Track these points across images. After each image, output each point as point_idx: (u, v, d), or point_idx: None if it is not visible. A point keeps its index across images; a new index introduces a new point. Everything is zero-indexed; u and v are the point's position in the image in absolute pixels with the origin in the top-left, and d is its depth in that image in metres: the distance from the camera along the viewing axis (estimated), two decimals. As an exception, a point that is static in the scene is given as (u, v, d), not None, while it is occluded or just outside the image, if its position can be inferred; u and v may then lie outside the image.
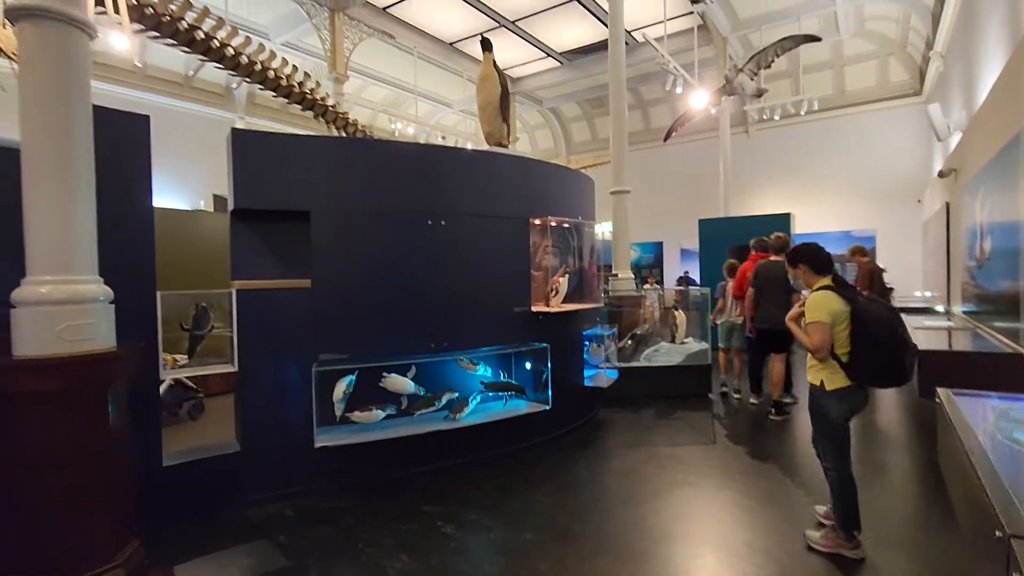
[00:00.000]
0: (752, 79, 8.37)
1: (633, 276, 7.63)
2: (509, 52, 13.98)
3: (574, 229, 4.71)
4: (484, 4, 11.58)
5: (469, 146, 16.36)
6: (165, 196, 10.85)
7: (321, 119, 6.83)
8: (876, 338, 2.45)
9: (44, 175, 2.17)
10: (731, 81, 8.39)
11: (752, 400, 5.58)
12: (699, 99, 9.65)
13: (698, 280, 11.43)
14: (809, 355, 2.65)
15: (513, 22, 12.44)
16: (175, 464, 3.12)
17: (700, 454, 4.12)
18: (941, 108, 7.23)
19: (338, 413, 3.51)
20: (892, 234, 12.96)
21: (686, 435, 4.63)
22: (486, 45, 4.55)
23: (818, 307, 2.57)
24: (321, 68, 11.89)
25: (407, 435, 3.56)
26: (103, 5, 4.07)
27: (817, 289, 2.67)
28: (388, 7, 11.67)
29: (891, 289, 11.19)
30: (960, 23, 7.77)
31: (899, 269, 12.34)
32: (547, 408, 4.17)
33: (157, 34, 4.87)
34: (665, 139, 10.66)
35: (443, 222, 3.87)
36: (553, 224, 4.48)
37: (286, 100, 6.33)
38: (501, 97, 4.47)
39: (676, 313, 6.45)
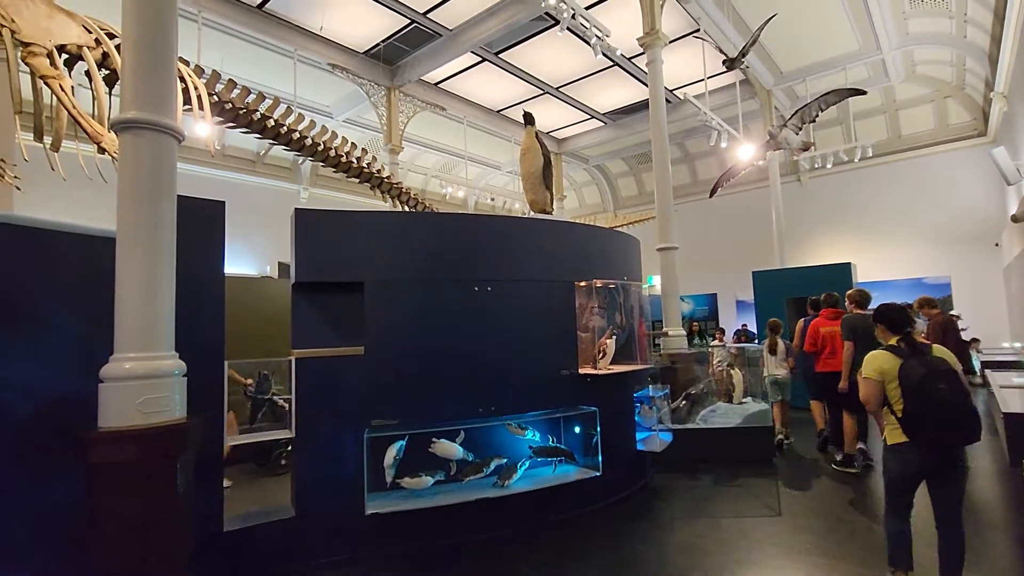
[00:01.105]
0: (797, 133, 8.31)
1: (685, 333, 7.45)
2: (553, 115, 14.55)
3: (620, 289, 4.72)
4: (528, 74, 12.21)
5: (517, 206, 16.87)
6: (234, 264, 11.70)
7: (377, 190, 7.27)
8: (913, 395, 2.56)
9: (134, 263, 2.43)
10: (775, 136, 8.36)
11: (837, 457, 5.32)
12: (745, 153, 9.63)
13: (756, 333, 11.01)
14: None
15: (556, 88, 13.00)
16: (235, 530, 3.23)
17: (766, 527, 3.85)
18: (1008, 150, 6.89)
19: (388, 479, 3.56)
20: (969, 280, 12.13)
21: (750, 505, 4.36)
22: (528, 119, 4.79)
23: (868, 365, 2.77)
24: (378, 140, 12.76)
25: (456, 502, 3.54)
26: (189, 103, 4.62)
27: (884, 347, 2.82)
28: (439, 82, 12.50)
29: (973, 341, 10.38)
30: (1021, 63, 7.52)
31: (982, 317, 11.47)
32: (598, 474, 4.06)
33: (235, 124, 5.42)
34: (711, 195, 10.62)
35: (489, 288, 3.99)
36: (598, 286, 4.51)
37: (345, 175, 6.81)
38: (544, 167, 4.65)
39: (733, 372, 6.22)
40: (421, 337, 3.78)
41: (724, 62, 8.56)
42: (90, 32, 3.95)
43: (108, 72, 4.09)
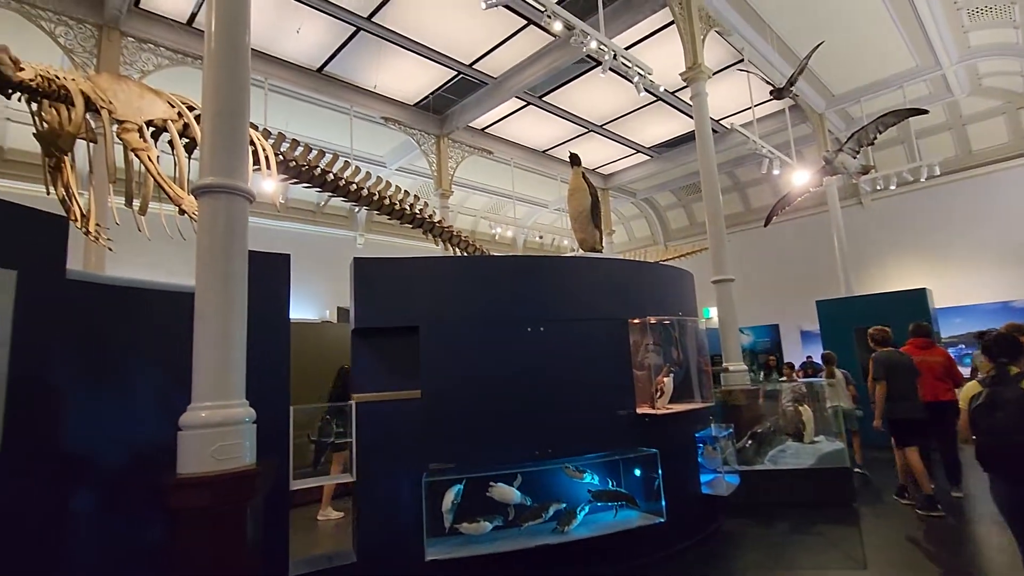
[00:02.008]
0: (855, 157, 8.01)
1: (748, 367, 7.13)
2: (599, 152, 14.69)
3: (676, 325, 4.61)
4: (572, 114, 12.45)
5: (565, 242, 16.94)
6: (295, 309, 12.24)
7: (429, 234, 7.51)
8: (973, 424, 2.69)
9: (210, 316, 2.60)
10: (831, 162, 8.08)
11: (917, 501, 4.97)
12: (799, 179, 9.35)
13: (823, 366, 10.39)
14: None
15: (601, 126, 13.17)
16: (299, 575, 3.28)
17: (850, 580, 3.55)
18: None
19: (447, 524, 3.54)
20: (1066, 302, 11.08)
21: (830, 556, 4.03)
22: (574, 160, 4.87)
23: (962, 394, 2.90)
24: (429, 186, 13.24)
25: (516, 549, 3.47)
26: (258, 164, 4.98)
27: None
28: (486, 127, 12.94)
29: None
30: (1101, 70, 7.02)
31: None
32: (661, 520, 3.88)
33: (298, 180, 5.79)
34: (766, 223, 10.31)
35: (542, 328, 3.99)
36: (652, 322, 4.43)
37: (399, 221, 7.09)
38: (592, 206, 4.69)
39: (802, 408, 5.88)
40: (476, 379, 3.81)
41: (772, 92, 8.45)
42: (173, 106, 4.38)
43: (187, 140, 4.49)
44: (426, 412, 3.67)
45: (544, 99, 11.71)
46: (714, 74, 8.46)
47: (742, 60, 9.74)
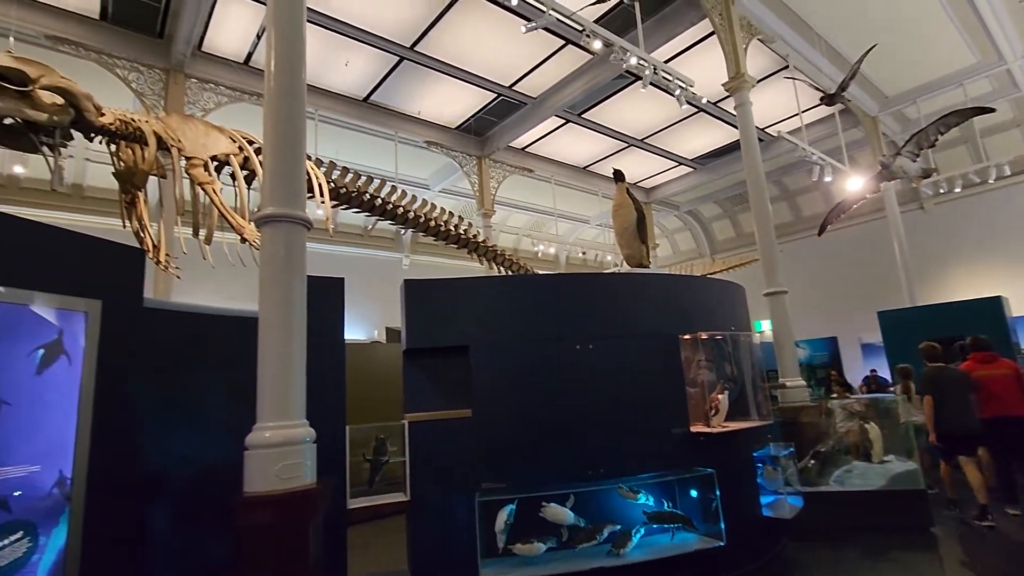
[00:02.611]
0: (915, 160, 7.63)
1: (806, 382, 6.83)
2: (640, 167, 14.59)
3: (728, 340, 4.49)
4: (612, 130, 12.45)
5: (609, 258, 16.80)
6: (346, 330, 12.60)
7: (473, 254, 7.61)
8: None
9: (272, 339, 2.72)
10: (888, 166, 7.73)
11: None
12: (854, 185, 8.99)
13: (889, 380, 9.82)
14: None
15: (642, 140, 13.10)
16: (357, 593, 3.33)
17: (931, 612, 3.30)
18: None
19: (500, 545, 3.52)
20: None
21: (907, 584, 3.78)
22: (618, 176, 4.86)
23: None
24: (471, 206, 13.46)
25: (570, 571, 3.41)
26: (311, 192, 5.21)
27: None
28: (526, 147, 13.09)
29: None
30: None
31: None
32: (721, 544, 3.74)
33: (348, 206, 6.01)
34: (820, 232, 9.94)
35: (591, 345, 3.96)
36: (704, 338, 4.33)
37: (444, 242, 7.22)
38: (637, 222, 4.66)
39: (868, 426, 5.56)
40: (525, 398, 3.81)
41: (823, 99, 8.21)
42: (234, 141, 4.65)
43: (247, 172, 4.75)
44: (477, 431, 3.68)
45: (583, 116, 11.77)
46: (758, 82, 8.30)
47: (787, 67, 9.53)
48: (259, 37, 8.51)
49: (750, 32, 8.16)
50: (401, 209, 6.47)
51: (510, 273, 7.92)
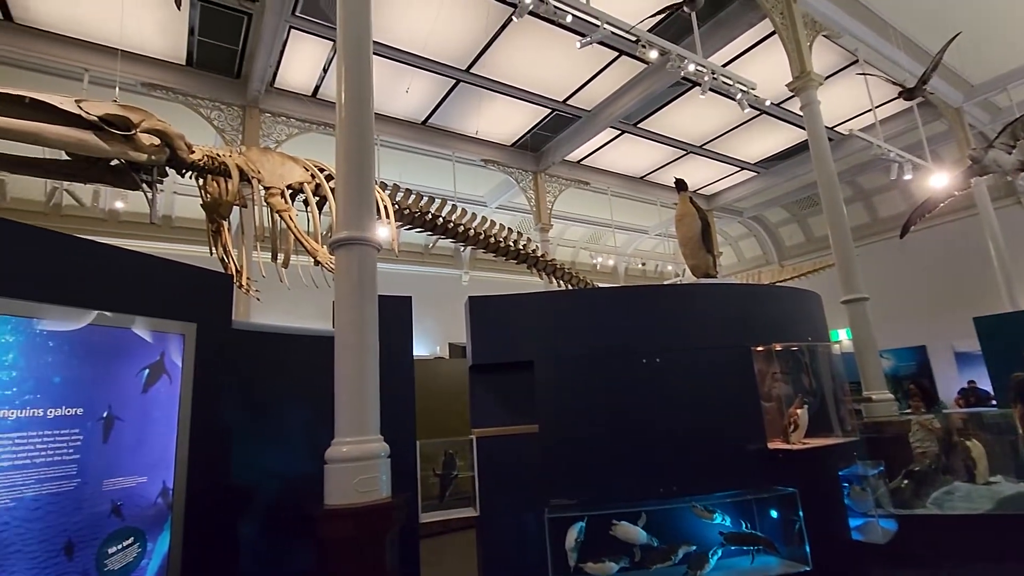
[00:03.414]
0: (1010, 152, 6.99)
1: (894, 395, 6.35)
2: (700, 173, 14.22)
3: (805, 351, 4.26)
4: (669, 138, 12.23)
5: (669, 268, 16.40)
6: (411, 346, 12.95)
7: (533, 269, 7.65)
8: None
9: (348, 357, 2.84)
10: (980, 160, 7.12)
11: None
12: (939, 182, 8.36)
13: (991, 392, 8.95)
14: None
15: (701, 146, 12.78)
16: (430, 607, 3.37)
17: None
18: None
19: (571, 563, 3.46)
20: None
21: (1026, 620, 3.40)
22: (680, 186, 4.77)
23: None
24: (528, 221, 13.56)
25: (643, 593, 3.31)
26: (378, 214, 5.43)
27: None
28: (581, 159, 13.08)
29: None
30: None
31: None
32: (807, 568, 3.51)
33: (411, 226, 6.22)
34: (902, 234, 9.28)
35: (657, 359, 3.87)
36: (778, 349, 4.13)
37: (504, 258, 7.31)
38: (702, 231, 4.54)
39: (971, 444, 5.08)
40: (592, 413, 3.76)
41: (902, 93, 7.73)
42: (307, 170, 4.93)
43: (319, 199, 5.02)
44: (544, 447, 3.67)
45: (639, 126, 11.64)
46: (826, 79, 7.93)
47: (856, 61, 9.05)
48: (325, 71, 9.02)
49: (814, 29, 7.83)
50: (462, 227, 6.63)
51: (570, 287, 7.90)
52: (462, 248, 15.20)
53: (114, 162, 3.67)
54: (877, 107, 9.87)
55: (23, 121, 3.07)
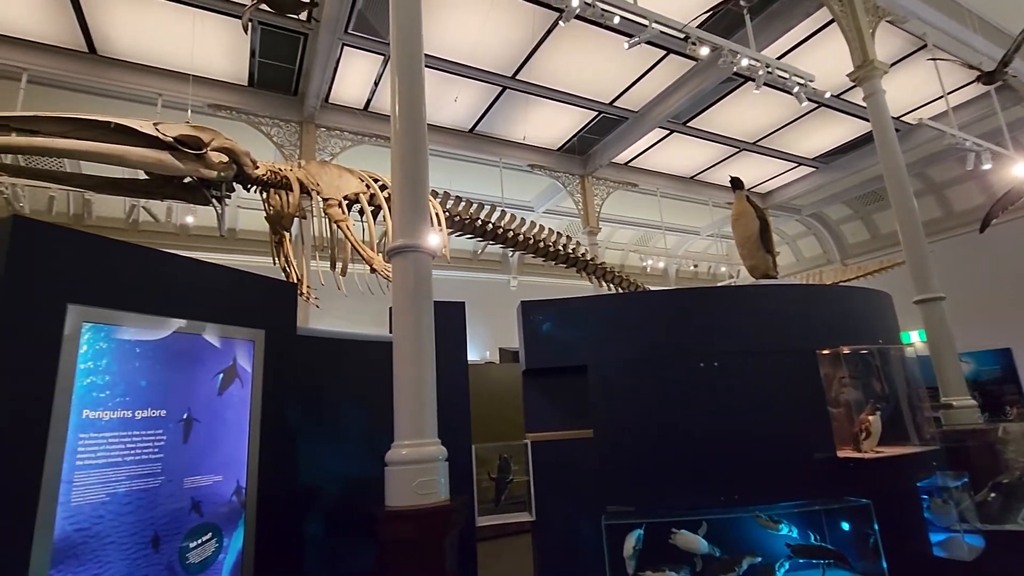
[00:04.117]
0: (1107, 135, 6.39)
1: (976, 401, 5.90)
2: (754, 171, 13.74)
3: (876, 355, 4.03)
4: (721, 135, 11.89)
5: (723, 269, 15.91)
6: (461, 351, 13.12)
7: (582, 273, 7.60)
8: None
9: (406, 362, 2.91)
10: (1071, 146, 6.54)
11: None
12: (1022, 171, 7.75)
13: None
14: None
15: (754, 143, 12.36)
16: (488, 611, 3.39)
17: None
18: None
19: (630, 572, 3.40)
20: None
21: None
22: (736, 184, 4.63)
23: None
24: (576, 224, 13.49)
25: (706, 605, 3.21)
26: (431, 222, 5.54)
27: None
28: (629, 161, 12.90)
29: None
30: None
31: None
32: (884, 586, 3.31)
33: (461, 232, 6.31)
34: (982, 228, 8.64)
35: (716, 363, 3.76)
36: (846, 352, 3.92)
37: (553, 262, 7.30)
38: (760, 230, 4.38)
39: (1065, 454, 4.66)
40: (648, 418, 3.69)
41: (980, 78, 7.24)
42: (363, 181, 5.10)
43: (373, 208, 5.18)
44: (600, 452, 3.63)
45: (688, 124, 11.38)
46: (891, 67, 7.51)
47: (924, 46, 8.53)
48: (376, 84, 9.31)
49: (877, 15, 7.43)
50: (511, 232, 6.67)
51: (620, 290, 7.79)
52: (511, 253, 15.30)
53: (187, 179, 3.91)
54: (949, 93, 9.25)
55: (110, 144, 3.33)
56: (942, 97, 9.08)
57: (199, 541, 2.36)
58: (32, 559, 1.77)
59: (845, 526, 3.65)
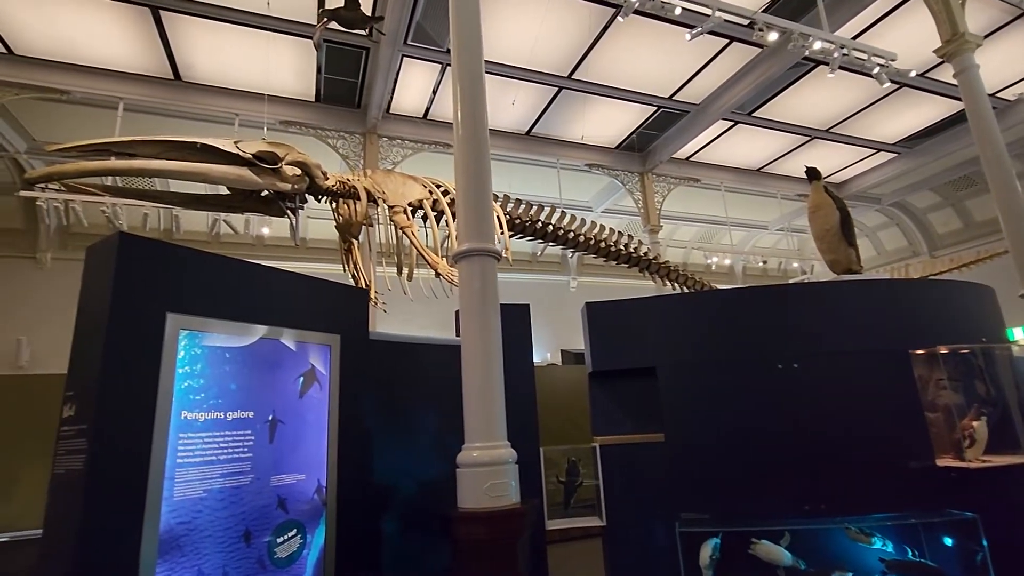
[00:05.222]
0: None
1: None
2: (827, 160, 12.96)
3: (979, 355, 3.68)
4: (790, 124, 11.31)
5: (795, 265, 15.10)
6: (522, 353, 13.15)
7: (645, 272, 7.43)
8: None
9: (475, 364, 2.93)
10: None
11: None
12: None
13: None
14: None
15: (827, 131, 11.66)
16: (560, 615, 3.36)
17: None
18: None
19: (707, 582, 3.28)
20: None
21: None
22: (813, 175, 4.37)
23: None
24: (636, 223, 13.21)
25: (791, 620, 3.04)
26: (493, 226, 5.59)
27: None
28: (691, 156, 12.51)
29: None
30: None
31: None
32: (996, 608, 3.01)
33: (522, 234, 6.33)
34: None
35: (795, 364, 3.56)
36: (944, 352, 3.60)
37: (615, 263, 7.17)
38: (841, 222, 4.11)
39: None
40: (722, 422, 3.54)
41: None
42: (425, 187, 5.21)
43: (437, 213, 5.28)
44: (671, 457, 3.51)
45: (754, 115, 10.89)
46: (984, 39, 6.87)
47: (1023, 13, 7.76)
48: (435, 92, 9.51)
49: (967, -16, 6.82)
50: (572, 233, 6.62)
51: (684, 289, 7.55)
52: (571, 254, 15.22)
53: (265, 193, 4.14)
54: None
55: (196, 163, 3.58)
56: (1047, 68, 8.22)
57: (285, 537, 2.48)
58: (143, 549, 1.92)
59: (947, 541, 3.34)
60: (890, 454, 3.43)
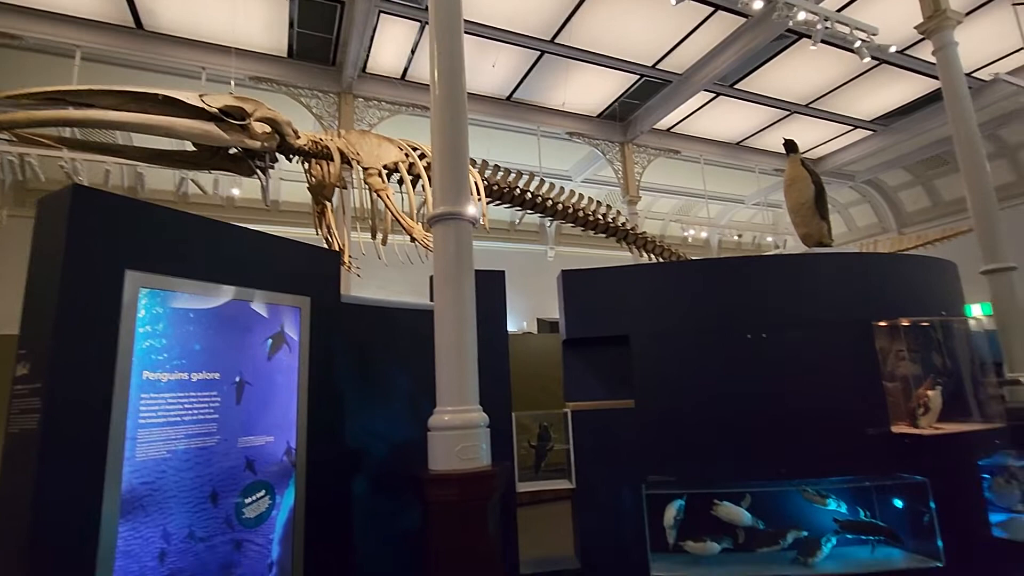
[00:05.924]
0: None
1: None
2: (805, 135, 13.04)
3: (937, 327, 3.81)
4: (770, 98, 11.31)
5: (769, 239, 15.35)
6: (499, 321, 13.19)
7: (623, 242, 7.44)
8: None
9: (448, 329, 2.91)
10: None
11: None
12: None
13: None
14: None
15: (806, 105, 11.70)
16: (528, 574, 3.46)
17: None
18: None
19: (670, 540, 3.40)
20: None
21: None
22: (790, 147, 4.38)
23: None
24: (615, 194, 13.19)
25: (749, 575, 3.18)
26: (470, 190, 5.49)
27: None
28: (672, 127, 12.46)
29: None
30: None
31: None
32: (939, 565, 3.20)
33: (500, 201, 6.25)
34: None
35: (764, 335, 3.64)
36: (905, 324, 3.72)
37: (593, 232, 7.16)
38: (815, 196, 4.15)
39: None
40: (690, 390, 3.62)
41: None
42: (401, 149, 5.08)
43: (413, 177, 5.16)
44: (641, 422, 3.59)
45: (736, 87, 10.85)
46: (966, 16, 6.90)
47: (1004, -7, 7.79)
48: (413, 52, 9.20)
49: (951, -41, 6.80)
50: (550, 201, 6.56)
51: (660, 260, 7.61)
52: (548, 223, 15.14)
53: (232, 150, 3.97)
54: (1029, 46, 8.47)
55: (159, 116, 3.40)
56: (1022, 50, 8.32)
57: (254, 497, 2.47)
58: (104, 509, 1.88)
59: (898, 503, 3.52)
60: (849, 421, 3.56)
